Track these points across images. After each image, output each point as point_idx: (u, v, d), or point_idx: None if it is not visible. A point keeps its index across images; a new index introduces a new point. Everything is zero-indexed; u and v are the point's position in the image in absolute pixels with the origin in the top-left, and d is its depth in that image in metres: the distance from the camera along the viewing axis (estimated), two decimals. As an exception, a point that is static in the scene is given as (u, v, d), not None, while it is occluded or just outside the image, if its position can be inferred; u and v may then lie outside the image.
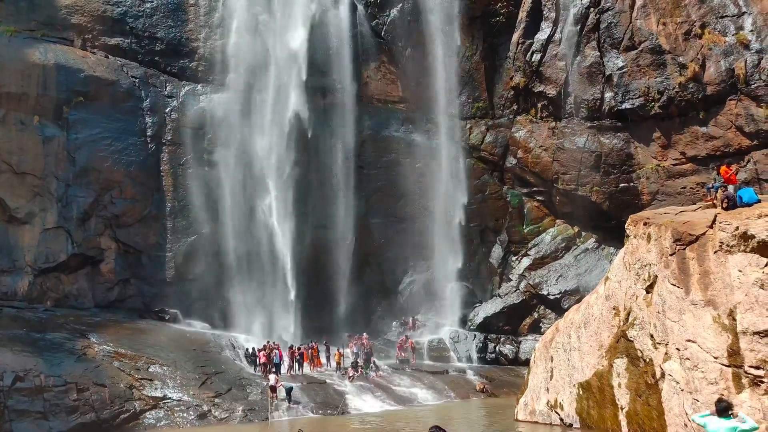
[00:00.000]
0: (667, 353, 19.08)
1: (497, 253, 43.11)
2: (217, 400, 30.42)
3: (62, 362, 29.87)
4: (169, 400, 29.99)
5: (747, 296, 17.21)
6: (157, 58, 41.79)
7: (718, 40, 35.25)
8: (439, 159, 43.41)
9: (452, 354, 39.95)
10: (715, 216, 19.12)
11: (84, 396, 28.81)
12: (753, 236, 17.48)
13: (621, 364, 20.86)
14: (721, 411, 13.05)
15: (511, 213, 42.95)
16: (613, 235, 37.63)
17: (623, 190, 38.97)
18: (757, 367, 16.73)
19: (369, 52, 44.42)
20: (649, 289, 20.15)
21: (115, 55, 40.91)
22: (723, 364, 17.38)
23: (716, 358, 17.55)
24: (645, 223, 21.08)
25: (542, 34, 41.21)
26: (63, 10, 40.26)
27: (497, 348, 40.15)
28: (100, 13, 40.94)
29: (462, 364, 38.96)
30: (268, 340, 37.03)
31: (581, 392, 22.71)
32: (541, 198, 42.32)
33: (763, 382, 16.64)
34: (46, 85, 37.79)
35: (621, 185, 39.03)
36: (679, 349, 18.64)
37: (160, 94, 41.11)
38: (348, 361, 36.75)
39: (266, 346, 35.70)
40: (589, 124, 39.73)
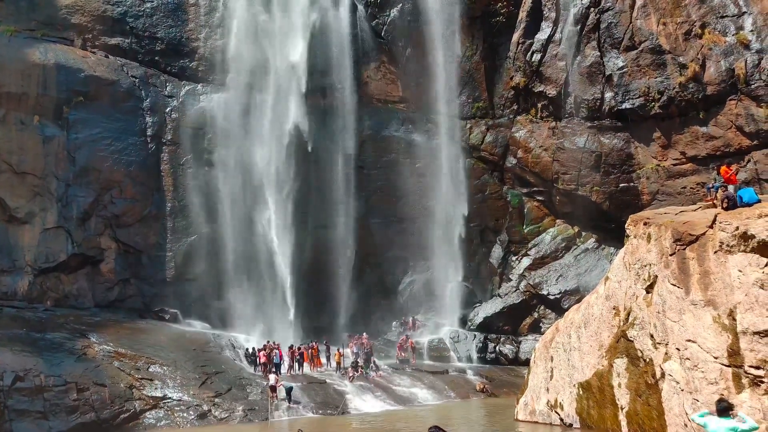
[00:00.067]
0: (667, 353, 19.08)
1: (497, 253, 43.10)
2: (217, 400, 30.42)
3: (62, 362, 29.87)
4: (169, 400, 29.99)
5: (747, 296, 17.22)
6: (157, 58, 41.79)
7: (719, 40, 35.25)
8: (439, 159, 43.39)
9: (452, 354, 39.94)
10: (715, 216, 19.12)
11: (84, 396, 28.81)
12: (753, 236, 17.48)
13: (621, 364, 20.86)
14: (722, 411, 13.04)
15: (511, 213, 42.94)
16: (613, 235, 37.64)
17: (623, 190, 38.97)
18: (757, 367, 16.74)
19: (369, 52, 44.39)
20: (649, 289, 20.15)
21: (116, 55, 40.91)
22: (723, 364, 17.38)
23: (716, 358, 17.56)
24: (645, 223, 21.08)
25: (542, 34, 41.20)
26: (63, 10, 40.25)
27: (497, 348, 40.14)
28: (101, 13, 40.94)
29: (462, 364, 38.96)
30: (269, 340, 37.02)
31: (581, 392, 22.71)
32: (541, 198, 42.32)
33: (763, 382, 16.64)
34: (46, 84, 37.78)
35: (621, 185, 39.03)
36: (679, 349, 18.64)
37: (160, 94, 41.11)
38: (348, 361, 36.74)
39: (266, 346, 35.72)
40: (590, 124, 39.73)
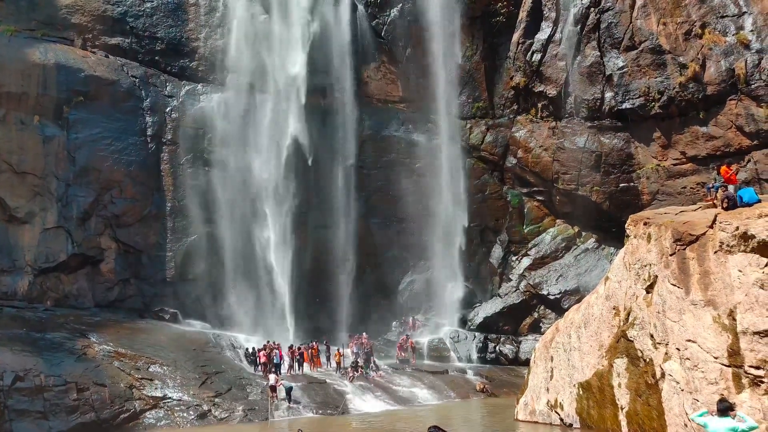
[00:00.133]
0: (667, 353, 19.08)
1: (497, 253, 43.09)
2: (217, 400, 30.42)
3: (62, 362, 29.86)
4: (169, 400, 29.98)
5: (747, 296, 17.22)
6: (157, 58, 41.77)
7: (719, 40, 35.23)
8: (439, 159, 43.36)
9: (452, 354, 39.93)
10: (716, 216, 19.13)
11: (84, 396, 28.81)
12: (753, 236, 17.48)
13: (621, 364, 20.86)
14: (722, 411, 13.05)
15: (511, 213, 42.92)
16: (613, 235, 37.65)
17: (623, 190, 38.95)
18: (757, 367, 16.74)
19: (369, 52, 44.37)
20: (649, 289, 20.15)
21: (116, 55, 40.88)
22: (723, 364, 17.38)
23: (716, 358, 17.56)
24: (645, 223, 21.08)
25: (542, 34, 41.18)
26: (63, 10, 40.24)
27: (497, 348, 40.12)
28: (101, 13, 40.92)
29: (462, 364, 38.95)
30: (269, 340, 37.01)
31: (581, 392, 22.71)
32: (541, 198, 42.30)
33: (763, 382, 16.65)
34: (47, 84, 37.76)
35: (621, 185, 39.02)
36: (679, 349, 18.64)
37: (160, 94, 41.10)
38: (348, 361, 36.75)
39: (266, 346, 35.73)
40: (590, 124, 39.71)
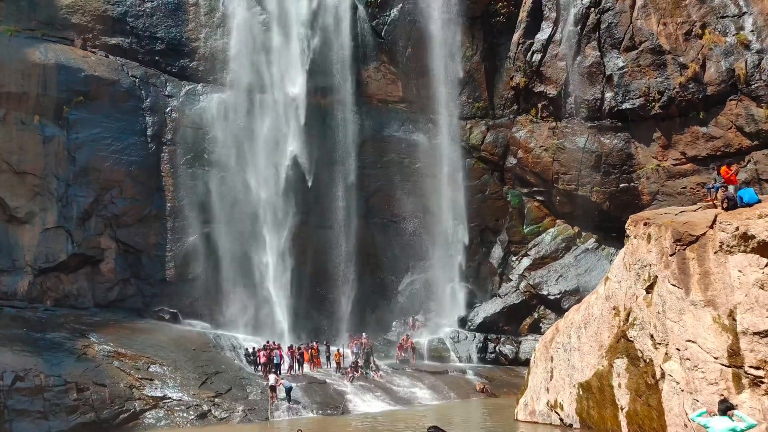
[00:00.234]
0: (667, 353, 19.08)
1: (497, 253, 43.07)
2: (217, 400, 30.42)
3: (62, 362, 29.88)
4: (169, 400, 29.99)
5: (747, 297, 17.22)
6: (157, 58, 41.78)
7: (719, 41, 35.23)
8: (439, 159, 43.34)
9: (452, 354, 39.89)
10: (716, 216, 19.12)
11: (84, 396, 28.82)
12: (753, 236, 17.48)
13: (621, 364, 20.86)
14: (722, 412, 13.06)
15: (511, 213, 42.89)
16: (613, 235, 37.63)
17: (623, 191, 38.94)
18: (757, 368, 16.75)
19: (369, 52, 44.37)
20: (650, 290, 20.15)
21: (116, 55, 40.91)
22: (723, 365, 17.38)
23: (716, 359, 17.56)
24: (645, 224, 21.08)
25: (543, 34, 41.15)
26: (63, 10, 40.26)
27: (497, 348, 40.10)
28: (101, 13, 40.94)
29: (462, 364, 38.92)
30: (269, 340, 37.05)
31: (581, 392, 22.71)
32: (541, 198, 42.28)
33: (763, 383, 16.65)
34: (47, 84, 37.77)
35: (621, 185, 39.01)
36: (679, 350, 18.64)
37: (160, 94, 41.12)
38: (348, 361, 36.75)
39: (267, 346, 35.76)
40: (590, 124, 39.70)
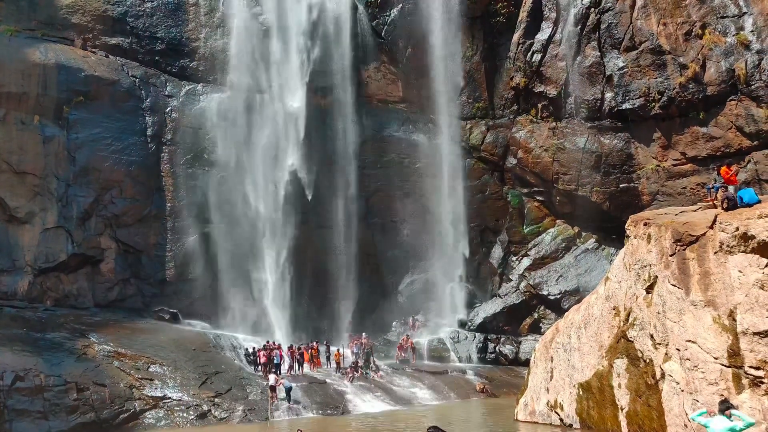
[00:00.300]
0: (667, 354, 19.08)
1: (497, 253, 43.06)
2: (217, 400, 30.43)
3: (62, 362, 29.89)
4: (169, 400, 30.00)
5: (747, 297, 17.22)
6: (157, 58, 41.80)
7: (719, 41, 35.23)
8: (439, 159, 43.33)
9: (452, 354, 39.88)
10: (716, 216, 19.13)
11: (84, 396, 28.83)
12: (753, 237, 17.49)
13: (621, 364, 20.86)
14: (722, 412, 13.07)
15: (511, 213, 42.88)
16: (613, 236, 37.62)
17: (623, 191, 38.94)
18: (758, 368, 16.75)
19: (369, 52, 44.37)
20: (650, 290, 20.15)
21: (116, 55, 40.93)
22: (723, 365, 17.38)
23: (716, 359, 17.56)
24: (645, 224, 21.08)
25: (543, 35, 41.15)
26: (63, 10, 40.26)
27: (497, 348, 40.09)
28: (101, 13, 40.95)
29: (462, 365, 38.91)
30: (269, 340, 37.06)
31: (581, 393, 22.71)
32: (541, 198, 42.27)
33: (763, 383, 16.65)
34: (47, 84, 37.78)
35: (621, 185, 39.00)
36: (679, 350, 18.64)
37: (160, 94, 41.13)
38: (348, 361, 36.75)
39: (267, 346, 35.77)
40: (590, 125, 39.70)
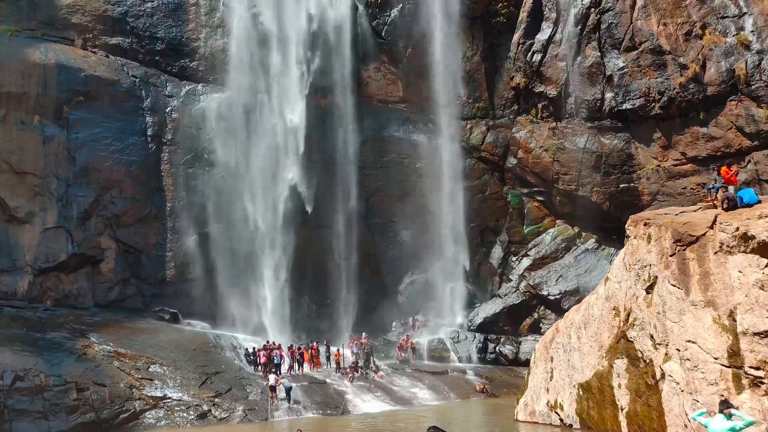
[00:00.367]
0: (667, 354, 19.08)
1: (497, 253, 43.05)
2: (217, 400, 30.43)
3: (62, 362, 29.89)
4: (169, 400, 30.00)
5: (747, 297, 17.22)
6: (157, 58, 41.80)
7: (719, 41, 35.23)
8: (439, 159, 43.32)
9: (452, 354, 39.87)
10: (716, 217, 19.13)
11: (84, 396, 28.83)
12: (753, 237, 17.48)
13: (621, 364, 20.86)
14: (721, 411, 13.08)
15: (511, 213, 42.87)
16: (613, 236, 37.61)
17: (624, 191, 38.93)
18: (758, 368, 16.75)
19: (369, 52, 44.37)
20: (650, 290, 20.15)
21: (116, 55, 40.94)
22: (723, 365, 17.38)
23: (716, 359, 17.56)
24: (645, 224, 21.08)
25: (543, 35, 41.14)
26: (63, 10, 40.27)
27: (497, 348, 40.09)
28: (101, 13, 40.96)
29: (462, 365, 38.90)
30: (269, 340, 37.07)
31: (581, 393, 22.71)
32: (541, 198, 42.27)
33: (763, 383, 16.65)
34: (47, 84, 37.78)
35: (621, 186, 38.99)
36: (679, 350, 18.64)
37: (160, 94, 41.13)
38: (348, 361, 36.75)
39: (267, 346, 35.77)
40: (590, 125, 39.69)
